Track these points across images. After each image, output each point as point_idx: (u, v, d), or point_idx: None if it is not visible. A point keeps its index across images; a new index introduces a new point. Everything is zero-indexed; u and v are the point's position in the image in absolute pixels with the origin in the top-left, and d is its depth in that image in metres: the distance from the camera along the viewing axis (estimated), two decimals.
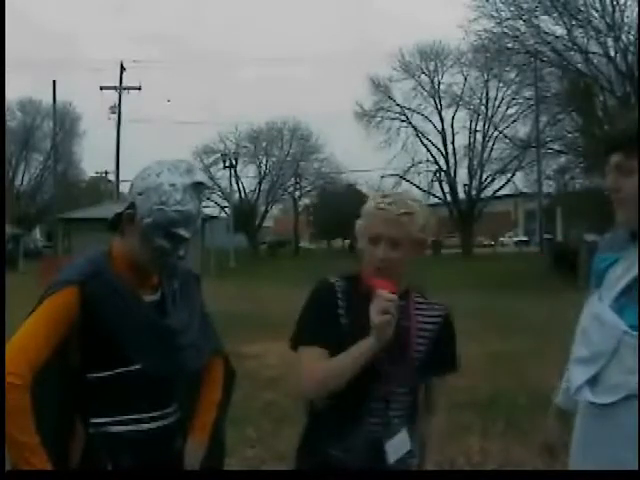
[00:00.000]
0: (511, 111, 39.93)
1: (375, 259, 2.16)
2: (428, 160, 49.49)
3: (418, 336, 2.22)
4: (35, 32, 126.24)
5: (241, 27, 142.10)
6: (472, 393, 6.82)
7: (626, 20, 27.62)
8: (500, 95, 42.95)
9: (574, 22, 28.62)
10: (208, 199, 53.27)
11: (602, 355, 1.90)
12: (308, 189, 57.31)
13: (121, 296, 2.05)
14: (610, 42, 27.98)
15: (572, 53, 29.45)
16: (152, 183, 2.02)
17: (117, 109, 41.32)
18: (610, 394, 1.88)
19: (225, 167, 50.52)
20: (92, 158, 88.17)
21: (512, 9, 29.65)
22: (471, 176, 49.30)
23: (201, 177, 2.07)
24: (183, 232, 2.03)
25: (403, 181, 49.43)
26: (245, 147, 54.73)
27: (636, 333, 1.84)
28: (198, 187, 2.05)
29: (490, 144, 46.58)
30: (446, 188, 49.72)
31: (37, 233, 62.35)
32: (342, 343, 2.13)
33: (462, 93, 47.05)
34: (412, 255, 2.19)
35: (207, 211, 46.23)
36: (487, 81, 41.86)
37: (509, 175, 45.70)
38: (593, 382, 1.93)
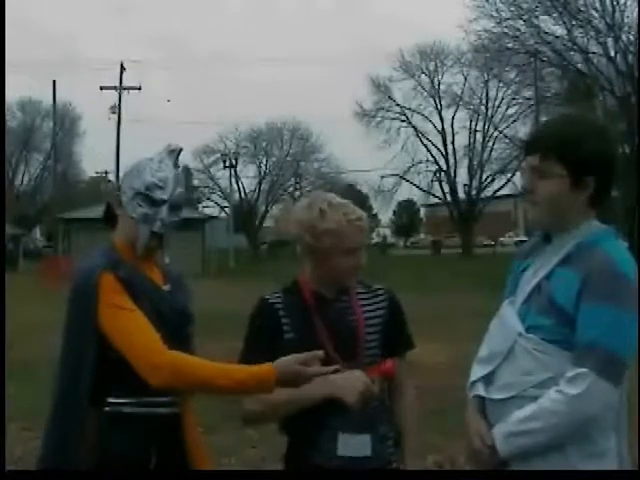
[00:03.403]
0: (511, 111, 40.04)
1: (355, 269, 2.21)
2: (428, 160, 49.55)
3: (367, 325, 2.24)
4: (35, 32, 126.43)
5: (241, 27, 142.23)
6: None
7: (626, 20, 27.63)
8: (500, 95, 43.05)
9: (574, 22, 28.60)
10: (208, 199, 53.52)
11: (498, 355, 1.95)
12: (308, 189, 57.26)
13: (147, 283, 2.15)
14: (610, 42, 27.97)
15: (572, 53, 29.44)
16: (134, 164, 2.24)
17: (117, 109, 41.25)
18: (500, 392, 1.93)
19: (225, 167, 50.50)
20: (92, 158, 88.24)
21: (512, 9, 29.64)
22: (471, 176, 49.32)
23: (175, 146, 2.25)
24: (160, 195, 2.16)
25: (403, 181, 49.46)
26: (245, 147, 54.73)
27: (531, 335, 1.88)
28: (172, 153, 2.23)
29: (490, 144, 46.68)
30: (446, 188, 49.76)
31: (37, 233, 62.34)
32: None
33: (462, 93, 47.14)
34: None
35: (207, 211, 46.35)
36: (487, 81, 41.88)
37: (509, 175, 45.72)
38: (487, 379, 1.98)
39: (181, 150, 2.26)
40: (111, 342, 2.04)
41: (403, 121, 49.42)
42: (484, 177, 48.73)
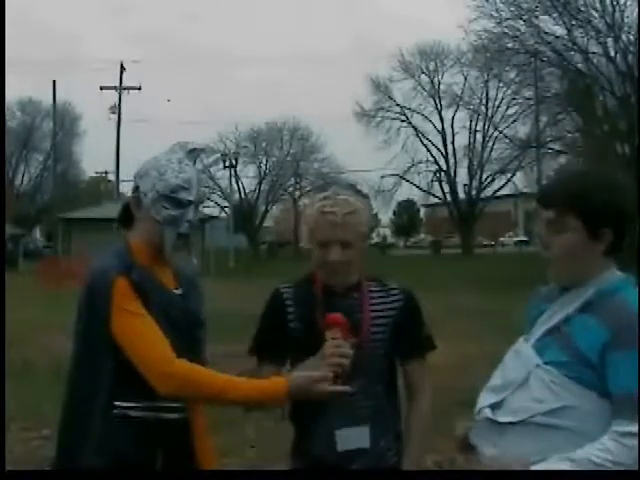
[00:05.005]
0: (511, 111, 39.85)
1: (328, 262, 2.21)
2: (428, 160, 49.61)
3: (373, 325, 2.25)
4: (35, 32, 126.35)
5: (241, 27, 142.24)
6: (473, 394, 6.79)
7: (626, 20, 27.58)
8: (500, 95, 42.99)
9: (574, 22, 28.57)
10: (208, 199, 53.46)
11: (512, 384, 1.95)
12: (308, 189, 57.23)
13: (158, 287, 2.13)
14: (610, 42, 27.95)
15: (572, 53, 29.41)
16: (150, 163, 2.18)
17: (117, 109, 41.33)
18: (509, 415, 1.92)
19: (225, 167, 50.43)
20: (92, 158, 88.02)
21: (512, 9, 29.59)
22: (471, 176, 49.35)
23: (194, 145, 2.22)
24: (185, 196, 2.15)
25: (403, 181, 49.45)
26: (245, 147, 54.59)
27: (548, 367, 1.88)
28: (193, 153, 2.21)
29: (490, 144, 46.60)
30: (446, 188, 49.79)
31: (37, 233, 62.34)
32: (294, 346, 2.22)
33: (462, 93, 47.12)
34: (363, 249, 2.29)
35: (207, 211, 46.32)
36: (487, 81, 41.78)
37: (509, 175, 45.72)
38: (497, 405, 1.97)
39: (203, 150, 2.26)
40: (121, 346, 2.03)
41: (403, 121, 49.49)
42: (484, 177, 48.76)
